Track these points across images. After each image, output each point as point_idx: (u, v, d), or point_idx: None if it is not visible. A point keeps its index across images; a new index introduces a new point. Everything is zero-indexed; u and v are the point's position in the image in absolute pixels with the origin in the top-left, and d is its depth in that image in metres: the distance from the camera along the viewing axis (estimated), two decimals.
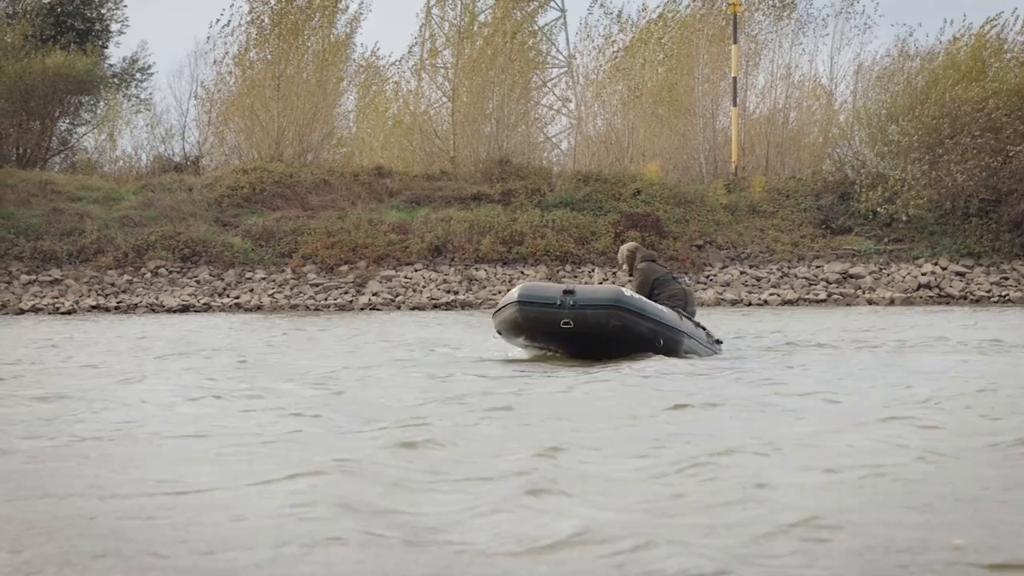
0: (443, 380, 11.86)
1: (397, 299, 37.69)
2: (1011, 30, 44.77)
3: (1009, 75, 42.70)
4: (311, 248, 39.41)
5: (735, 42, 45.40)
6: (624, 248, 15.41)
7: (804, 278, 39.38)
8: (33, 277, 38.04)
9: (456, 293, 38.09)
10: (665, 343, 13.88)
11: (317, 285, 38.42)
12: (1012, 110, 41.26)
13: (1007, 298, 37.92)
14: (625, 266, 15.24)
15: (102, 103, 49.04)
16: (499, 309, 14.30)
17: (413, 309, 36.71)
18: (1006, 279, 39.26)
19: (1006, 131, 40.99)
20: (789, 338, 18.80)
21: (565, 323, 13.42)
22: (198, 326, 26.17)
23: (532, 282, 14.41)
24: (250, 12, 46.34)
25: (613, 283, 35.30)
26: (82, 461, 6.91)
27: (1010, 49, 44.52)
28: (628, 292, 13.91)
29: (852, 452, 6.88)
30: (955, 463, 6.56)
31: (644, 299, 13.98)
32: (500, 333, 14.55)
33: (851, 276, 39.47)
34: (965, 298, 38.15)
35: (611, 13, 51.64)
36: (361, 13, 47.71)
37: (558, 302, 13.41)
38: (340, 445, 7.39)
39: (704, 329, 15.09)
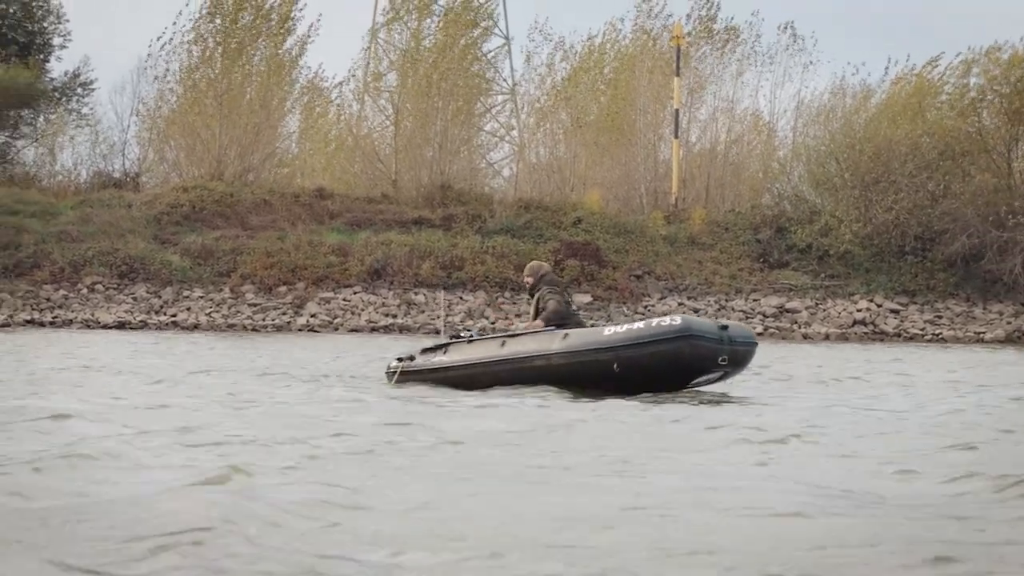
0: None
1: (335, 321, 37.59)
2: (952, 73, 45.33)
3: (943, 117, 43.24)
4: (250, 268, 39.23)
5: (677, 74, 45.67)
6: (540, 264, 15.01)
7: (741, 311, 39.62)
8: None
9: (395, 317, 38.04)
10: None
11: (255, 305, 38.25)
12: (944, 150, 41.74)
13: (940, 336, 38.32)
14: (530, 279, 14.66)
15: (42, 117, 48.64)
16: (634, 344, 13.16)
17: (351, 331, 36.62)
18: (940, 318, 39.67)
19: (938, 171, 41.47)
20: None
21: (722, 359, 13.20)
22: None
23: (688, 315, 13.74)
24: (194, 30, 46.28)
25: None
26: None
27: (944, 91, 45.06)
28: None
29: None
30: None
31: None
32: (619, 369, 13.21)
33: (787, 310, 39.76)
34: (899, 335, 38.52)
35: (551, 39, 51.81)
36: (309, 36, 47.75)
37: (720, 338, 13.19)
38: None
39: None
